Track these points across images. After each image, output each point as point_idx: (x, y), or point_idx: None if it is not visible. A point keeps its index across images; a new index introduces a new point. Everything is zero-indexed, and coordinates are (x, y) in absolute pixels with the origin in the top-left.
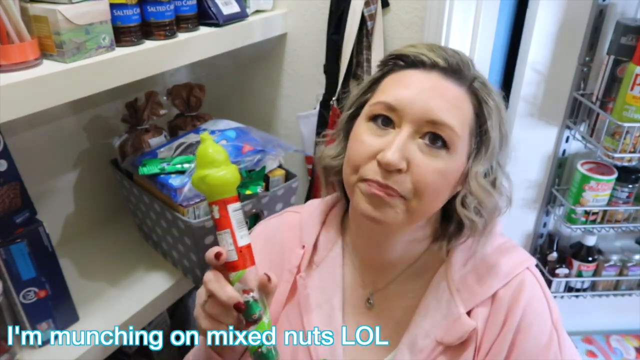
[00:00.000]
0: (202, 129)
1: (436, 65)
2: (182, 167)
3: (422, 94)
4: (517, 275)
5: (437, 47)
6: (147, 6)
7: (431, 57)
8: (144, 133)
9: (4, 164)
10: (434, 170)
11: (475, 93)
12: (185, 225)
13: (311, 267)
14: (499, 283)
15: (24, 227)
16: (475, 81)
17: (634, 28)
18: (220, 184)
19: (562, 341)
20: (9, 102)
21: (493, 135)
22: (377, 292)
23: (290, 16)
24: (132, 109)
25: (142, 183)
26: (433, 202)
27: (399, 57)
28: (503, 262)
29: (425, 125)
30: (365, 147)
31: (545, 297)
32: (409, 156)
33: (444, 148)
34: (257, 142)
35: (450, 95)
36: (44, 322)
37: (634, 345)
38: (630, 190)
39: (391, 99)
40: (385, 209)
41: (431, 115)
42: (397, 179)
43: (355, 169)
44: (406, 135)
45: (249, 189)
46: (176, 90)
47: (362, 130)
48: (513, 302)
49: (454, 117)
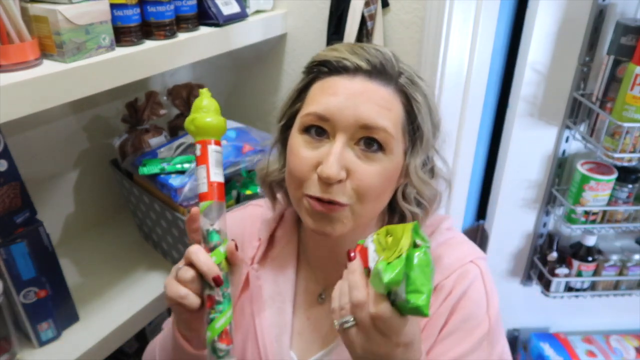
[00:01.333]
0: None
1: (359, 68)
2: (182, 167)
3: (350, 100)
4: (459, 267)
5: (358, 48)
6: (147, 6)
7: (354, 60)
8: (144, 133)
9: (4, 164)
10: (373, 174)
11: (402, 90)
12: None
13: (265, 261)
14: (439, 276)
15: (24, 227)
16: (401, 77)
17: (634, 28)
18: (205, 126)
19: (493, 334)
20: (9, 102)
21: (425, 129)
22: (329, 288)
23: (290, 16)
24: (132, 109)
25: (142, 183)
26: (376, 203)
27: (321, 64)
28: (447, 255)
29: (359, 131)
30: (303, 161)
31: (486, 290)
32: (347, 165)
33: (379, 150)
34: (257, 142)
35: (379, 98)
36: (44, 322)
37: (634, 345)
38: (630, 190)
39: (321, 109)
40: (332, 224)
41: (363, 121)
42: (338, 189)
43: (299, 184)
44: (341, 145)
45: (249, 188)
46: (176, 90)
47: (297, 143)
48: (452, 289)
49: (386, 118)
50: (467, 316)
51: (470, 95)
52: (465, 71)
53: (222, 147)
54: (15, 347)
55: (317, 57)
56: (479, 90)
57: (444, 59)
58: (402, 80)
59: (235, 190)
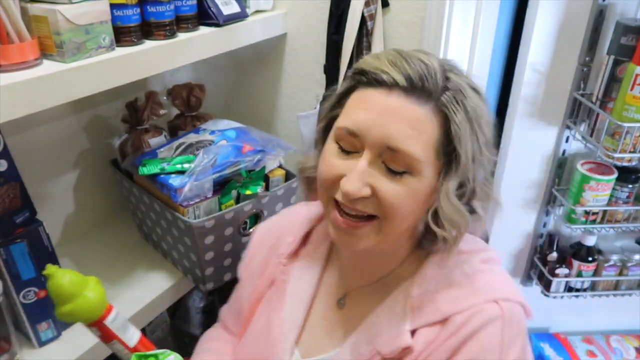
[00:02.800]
0: (202, 129)
1: (396, 84)
2: (182, 167)
3: (381, 119)
4: (478, 305)
5: (401, 59)
6: (147, 6)
7: (392, 75)
8: (144, 133)
9: (4, 164)
10: (399, 194)
11: (442, 110)
12: (185, 225)
13: (296, 257)
14: (453, 308)
15: (24, 227)
16: (445, 94)
17: (634, 28)
18: (89, 311)
19: None
20: (9, 102)
21: (463, 153)
22: (350, 295)
23: (290, 16)
24: (132, 109)
25: (142, 183)
26: (403, 222)
27: (361, 73)
28: (467, 288)
29: (385, 152)
30: (331, 170)
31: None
32: (372, 182)
33: (405, 172)
34: (257, 142)
35: (412, 118)
36: (44, 322)
37: (634, 345)
38: (630, 190)
39: (351, 125)
40: (355, 239)
41: (389, 143)
42: (364, 203)
43: (326, 188)
44: (366, 162)
45: (248, 189)
46: (176, 90)
47: (329, 150)
48: (461, 326)
49: (415, 143)
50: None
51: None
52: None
53: (222, 150)
54: (15, 347)
55: (360, 64)
56: None
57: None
58: (444, 98)
59: (235, 191)
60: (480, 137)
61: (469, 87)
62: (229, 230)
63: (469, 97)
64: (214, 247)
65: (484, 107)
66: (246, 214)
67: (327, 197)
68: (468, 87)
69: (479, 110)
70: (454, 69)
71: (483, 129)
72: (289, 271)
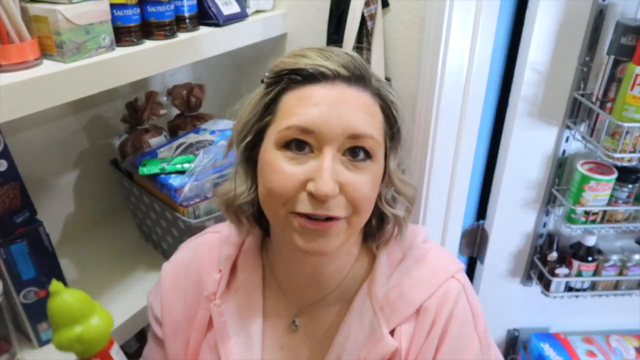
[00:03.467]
0: (202, 129)
1: (338, 75)
2: (182, 167)
3: (334, 110)
4: (441, 285)
5: (329, 53)
6: (147, 6)
7: (332, 67)
8: (144, 133)
9: (4, 164)
10: (365, 183)
11: (378, 94)
12: (185, 225)
13: (229, 292)
14: (422, 296)
15: (24, 227)
16: (373, 80)
17: (634, 28)
18: (98, 337)
19: (485, 349)
20: (9, 102)
21: (404, 130)
22: (303, 313)
23: (290, 16)
24: (132, 109)
25: (142, 183)
26: (368, 213)
27: (293, 72)
28: (426, 272)
29: (346, 142)
30: (288, 178)
31: (470, 305)
32: (339, 179)
33: (367, 159)
34: None
35: (362, 104)
36: (44, 322)
37: (634, 345)
38: (630, 190)
39: (303, 122)
40: (327, 239)
41: (351, 130)
42: (332, 204)
43: (283, 202)
44: (331, 158)
45: None
46: (176, 90)
47: (276, 159)
48: (437, 313)
49: (372, 126)
50: (456, 338)
51: (470, 95)
52: (465, 71)
53: (222, 150)
54: (15, 347)
55: (284, 65)
56: (479, 90)
57: (444, 59)
58: (375, 84)
59: None
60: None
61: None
62: None
63: (382, 80)
64: None
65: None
66: None
67: (284, 212)
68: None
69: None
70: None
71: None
72: (225, 310)
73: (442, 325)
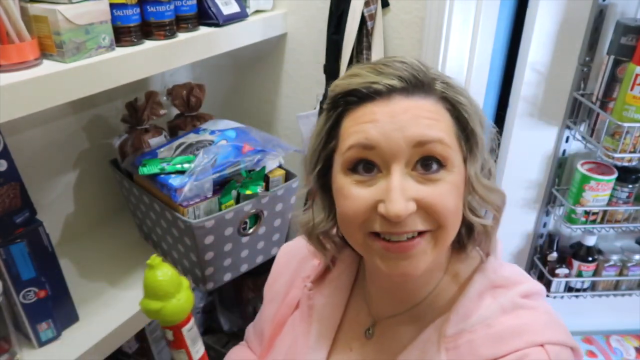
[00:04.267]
0: (202, 129)
1: (393, 88)
2: (182, 167)
3: (393, 122)
4: (523, 350)
5: (382, 66)
6: (147, 6)
7: (385, 82)
8: (144, 133)
9: (4, 164)
10: (443, 194)
11: (444, 97)
12: (185, 225)
13: (322, 282)
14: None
15: (24, 227)
16: (437, 83)
17: (634, 28)
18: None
19: None
20: (9, 102)
21: (478, 131)
22: (379, 325)
23: (290, 16)
24: (132, 109)
25: (142, 183)
26: (456, 225)
27: (348, 94)
28: (508, 326)
29: (414, 153)
30: (358, 203)
31: None
32: (413, 195)
33: (440, 168)
34: (257, 142)
35: (423, 111)
36: (44, 322)
37: (634, 345)
38: (630, 190)
39: (363, 138)
40: (411, 261)
41: (415, 138)
42: (410, 220)
43: (359, 225)
44: (399, 175)
45: (248, 189)
46: (176, 90)
47: (345, 184)
48: None
49: (439, 129)
50: None
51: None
52: (465, 71)
53: (222, 150)
54: (15, 347)
55: (339, 88)
56: (479, 90)
57: (444, 59)
58: (438, 87)
59: (235, 191)
60: (480, 115)
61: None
62: (229, 231)
63: (456, 83)
64: (214, 247)
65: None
66: (246, 214)
67: (362, 235)
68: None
69: (468, 94)
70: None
71: (478, 108)
72: (314, 296)
73: None
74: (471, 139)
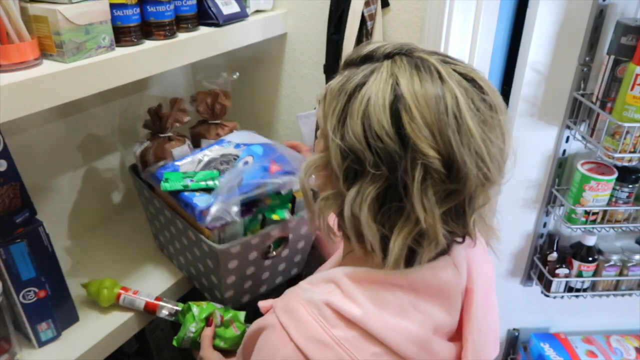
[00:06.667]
0: (226, 141)
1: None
2: (207, 184)
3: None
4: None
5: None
6: (147, 6)
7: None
8: (167, 141)
9: (4, 164)
10: None
11: None
12: (209, 249)
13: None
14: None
15: (24, 227)
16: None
17: (634, 28)
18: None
19: None
20: (9, 102)
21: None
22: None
23: (290, 16)
24: (156, 115)
25: (164, 197)
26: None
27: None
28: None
29: None
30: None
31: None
32: None
33: None
34: (284, 161)
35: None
36: (44, 322)
37: (634, 345)
38: (630, 190)
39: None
40: None
41: None
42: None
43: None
44: None
45: (275, 213)
46: (200, 96)
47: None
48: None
49: None
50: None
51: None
52: None
53: (248, 170)
54: (15, 347)
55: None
56: None
57: None
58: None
59: (261, 214)
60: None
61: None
62: (253, 255)
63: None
64: (236, 271)
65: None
66: (272, 239)
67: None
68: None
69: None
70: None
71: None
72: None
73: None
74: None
